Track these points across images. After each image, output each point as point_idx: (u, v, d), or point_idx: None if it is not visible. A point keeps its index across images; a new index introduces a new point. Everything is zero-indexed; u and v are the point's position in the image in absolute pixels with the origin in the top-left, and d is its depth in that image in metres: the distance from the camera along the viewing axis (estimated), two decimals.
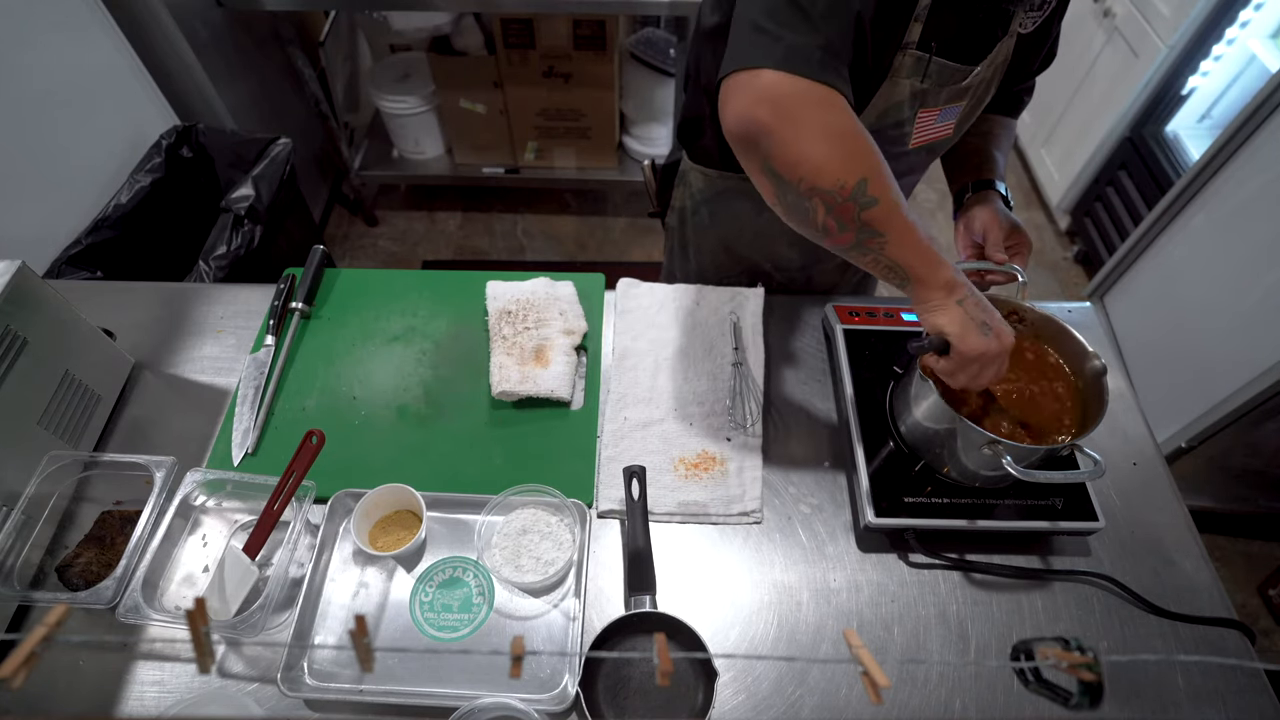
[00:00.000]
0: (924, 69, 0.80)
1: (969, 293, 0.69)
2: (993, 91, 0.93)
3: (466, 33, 2.24)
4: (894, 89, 0.81)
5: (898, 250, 0.67)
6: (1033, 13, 0.84)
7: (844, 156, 0.63)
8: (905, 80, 0.81)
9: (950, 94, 0.86)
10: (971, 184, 1.00)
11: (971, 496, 0.85)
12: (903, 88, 0.81)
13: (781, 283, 1.18)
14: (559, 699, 0.73)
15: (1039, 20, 0.86)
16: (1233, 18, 1.94)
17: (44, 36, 1.47)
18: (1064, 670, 0.44)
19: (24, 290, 0.82)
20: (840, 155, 0.63)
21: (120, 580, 0.75)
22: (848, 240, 0.67)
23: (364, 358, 1.03)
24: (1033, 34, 0.87)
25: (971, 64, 0.82)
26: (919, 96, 0.83)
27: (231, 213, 1.68)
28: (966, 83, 0.85)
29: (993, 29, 0.83)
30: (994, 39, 0.83)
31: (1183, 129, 2.22)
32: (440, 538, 0.86)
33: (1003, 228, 0.94)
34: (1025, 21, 0.85)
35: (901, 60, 0.79)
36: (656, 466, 0.91)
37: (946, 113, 0.89)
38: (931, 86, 0.82)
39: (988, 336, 0.68)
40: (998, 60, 0.86)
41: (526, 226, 2.68)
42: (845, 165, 0.63)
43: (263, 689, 0.75)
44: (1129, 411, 1.00)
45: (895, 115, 0.85)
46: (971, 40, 0.81)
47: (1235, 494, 1.80)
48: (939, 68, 0.80)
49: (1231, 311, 1.62)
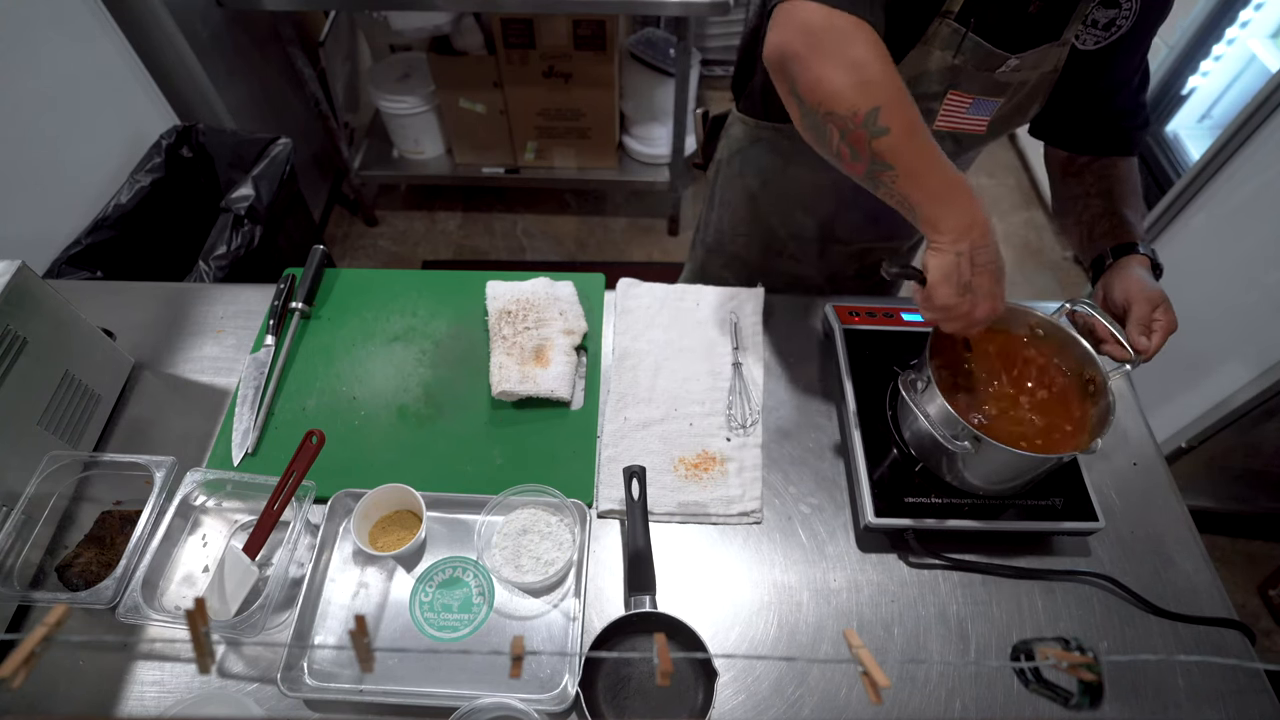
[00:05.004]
0: (959, 43, 0.79)
1: (974, 249, 0.67)
2: (1039, 102, 0.91)
3: (466, 33, 2.24)
4: (925, 57, 0.81)
5: (907, 185, 0.68)
6: (1095, 30, 0.83)
7: (860, 84, 0.66)
8: (938, 51, 0.80)
9: (986, 84, 0.84)
10: (1111, 249, 0.90)
11: (971, 497, 0.85)
12: (935, 58, 0.81)
13: (794, 254, 1.17)
14: (559, 699, 0.73)
15: (1104, 41, 0.84)
16: (1233, 18, 1.94)
17: (44, 36, 1.47)
18: (1064, 670, 0.44)
19: (24, 290, 0.82)
20: (856, 82, 0.66)
21: (120, 580, 0.75)
22: (860, 169, 0.70)
23: (364, 358, 1.03)
24: (1095, 54, 0.85)
25: (1009, 50, 0.80)
26: (951, 73, 0.83)
27: (231, 213, 1.68)
28: (1003, 74, 0.83)
29: (1042, 27, 0.81)
30: (1039, 37, 0.81)
31: (1183, 129, 2.22)
32: (440, 538, 0.86)
33: (1151, 302, 0.84)
34: (1085, 37, 0.84)
35: (937, 28, 0.78)
36: (656, 466, 0.91)
37: (980, 105, 0.87)
38: (965, 65, 0.81)
39: (962, 297, 0.68)
40: (1044, 66, 0.85)
41: (526, 226, 2.67)
42: (860, 93, 0.66)
43: (263, 689, 0.75)
44: (1129, 411, 1.00)
45: (923, 87, 0.84)
46: (1014, 27, 0.80)
47: (1235, 494, 1.80)
48: (974, 45, 0.79)
49: (1231, 312, 1.62)
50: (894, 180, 0.69)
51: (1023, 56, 0.82)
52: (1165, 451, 1.50)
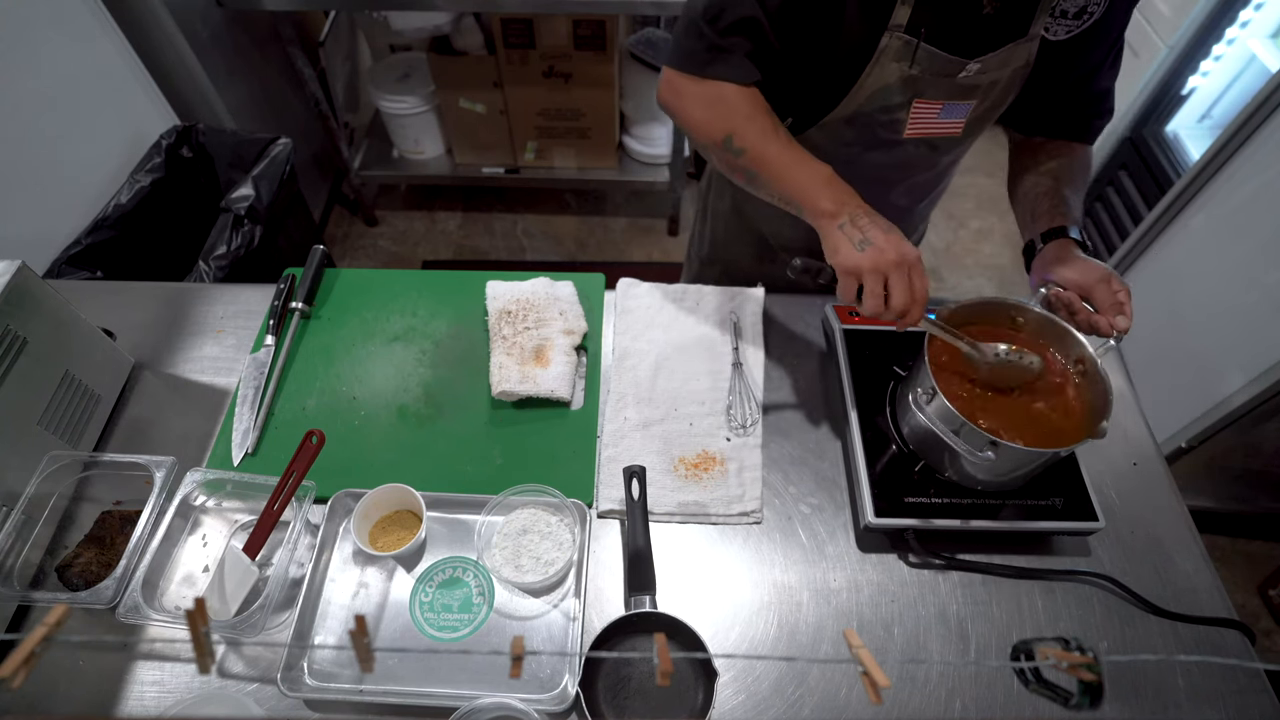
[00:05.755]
0: (912, 54, 0.80)
1: (851, 217, 0.76)
2: (1011, 97, 0.91)
3: (466, 33, 2.24)
4: (882, 71, 0.82)
5: (779, 186, 0.82)
6: (1065, 20, 0.83)
7: (712, 119, 0.85)
8: (893, 64, 0.81)
9: (950, 89, 0.85)
10: (1041, 235, 0.91)
11: (971, 496, 0.85)
12: (891, 71, 0.82)
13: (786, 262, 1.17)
14: (559, 699, 0.73)
15: (1076, 30, 0.84)
16: (1233, 18, 1.94)
17: (44, 36, 1.47)
18: (1064, 670, 0.44)
19: (24, 290, 0.82)
20: (709, 118, 0.85)
21: (120, 580, 0.75)
22: (741, 179, 0.87)
23: (364, 358, 1.03)
24: (1068, 44, 0.85)
25: (965, 56, 0.81)
26: (910, 84, 0.83)
27: (231, 213, 1.68)
28: (966, 79, 0.83)
29: (1002, 27, 0.81)
30: (1001, 37, 0.81)
31: (1183, 129, 2.22)
32: (440, 538, 0.86)
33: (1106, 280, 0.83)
34: (1055, 28, 0.83)
35: (888, 42, 0.79)
36: (656, 466, 0.91)
37: (952, 109, 0.88)
38: (923, 74, 0.82)
39: (862, 251, 0.73)
40: (1014, 63, 0.85)
41: (526, 226, 2.67)
42: (713, 125, 0.85)
43: (263, 689, 0.75)
44: (1129, 411, 1.00)
45: (884, 99, 0.85)
46: (970, 31, 0.80)
47: (1235, 494, 1.80)
48: (928, 54, 0.80)
49: (1231, 312, 1.62)
50: (768, 184, 0.83)
51: (984, 60, 0.82)
52: (1165, 451, 1.50)
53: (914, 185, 1.05)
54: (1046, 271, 0.87)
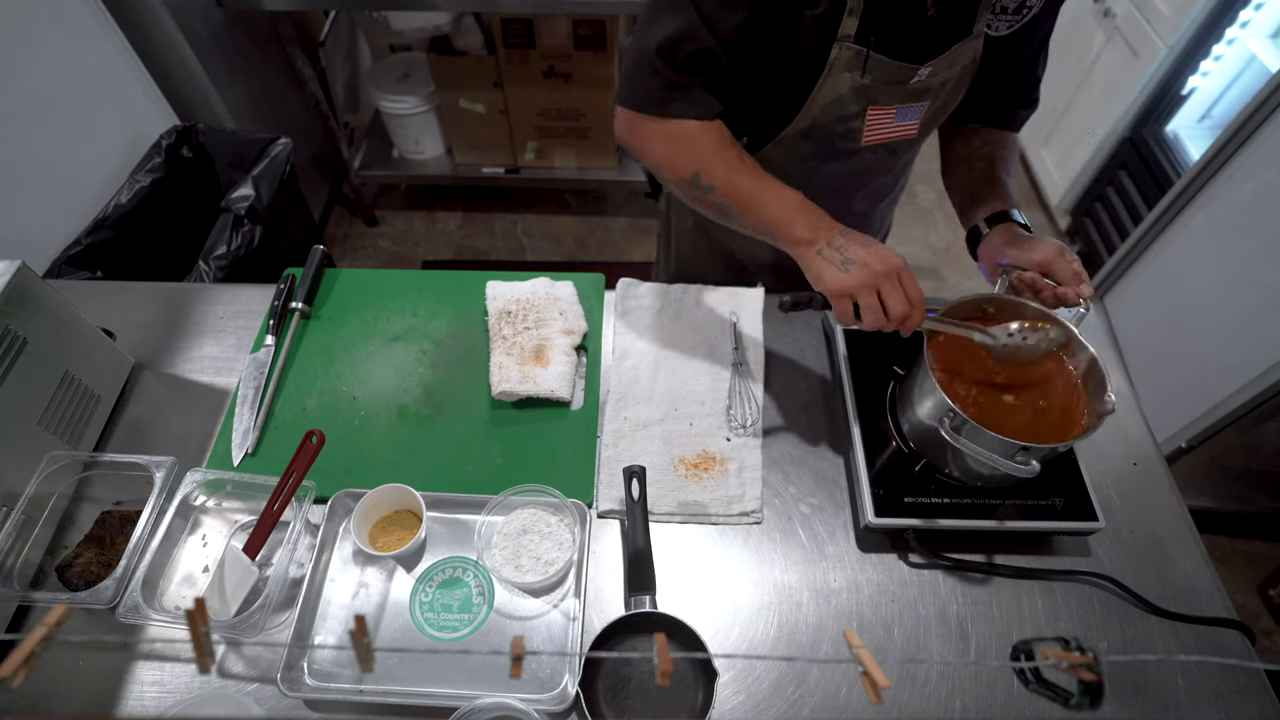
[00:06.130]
0: (863, 64, 0.80)
1: (828, 240, 0.76)
2: (962, 94, 0.91)
3: (466, 33, 2.24)
4: (835, 82, 0.82)
5: (750, 219, 0.81)
6: (1005, 16, 0.83)
7: (677, 158, 0.83)
8: (845, 74, 0.81)
9: (903, 93, 0.85)
10: (986, 220, 0.92)
11: (972, 496, 0.85)
12: (843, 81, 0.82)
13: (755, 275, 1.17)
14: (559, 699, 0.73)
15: (1017, 24, 0.84)
16: (1233, 18, 1.94)
17: (44, 36, 1.47)
18: (1064, 670, 0.44)
19: (24, 290, 0.82)
20: (674, 157, 0.83)
21: (120, 580, 0.75)
22: (712, 213, 0.85)
23: (364, 358, 1.03)
24: (1009, 38, 0.85)
25: (916, 62, 0.81)
26: (863, 92, 0.83)
27: (231, 213, 1.68)
28: (917, 82, 0.84)
29: (947, 28, 0.81)
30: (949, 38, 0.81)
31: (1183, 129, 2.22)
32: (440, 538, 0.86)
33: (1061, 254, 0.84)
34: (996, 24, 0.84)
35: (839, 54, 0.79)
36: (656, 466, 0.91)
37: (906, 112, 0.88)
38: (875, 83, 0.82)
39: (847, 272, 0.74)
40: (962, 61, 0.85)
41: (526, 226, 2.67)
42: (679, 163, 0.83)
43: (263, 689, 0.75)
44: (1129, 411, 1.00)
45: (840, 110, 0.85)
46: (917, 37, 0.80)
47: (1235, 494, 1.80)
48: (878, 64, 0.80)
49: (1231, 312, 1.62)
50: (740, 216, 0.82)
51: (934, 63, 0.82)
52: (1165, 451, 1.50)
53: (873, 190, 1.06)
54: (999, 255, 0.88)
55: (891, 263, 0.73)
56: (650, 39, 0.79)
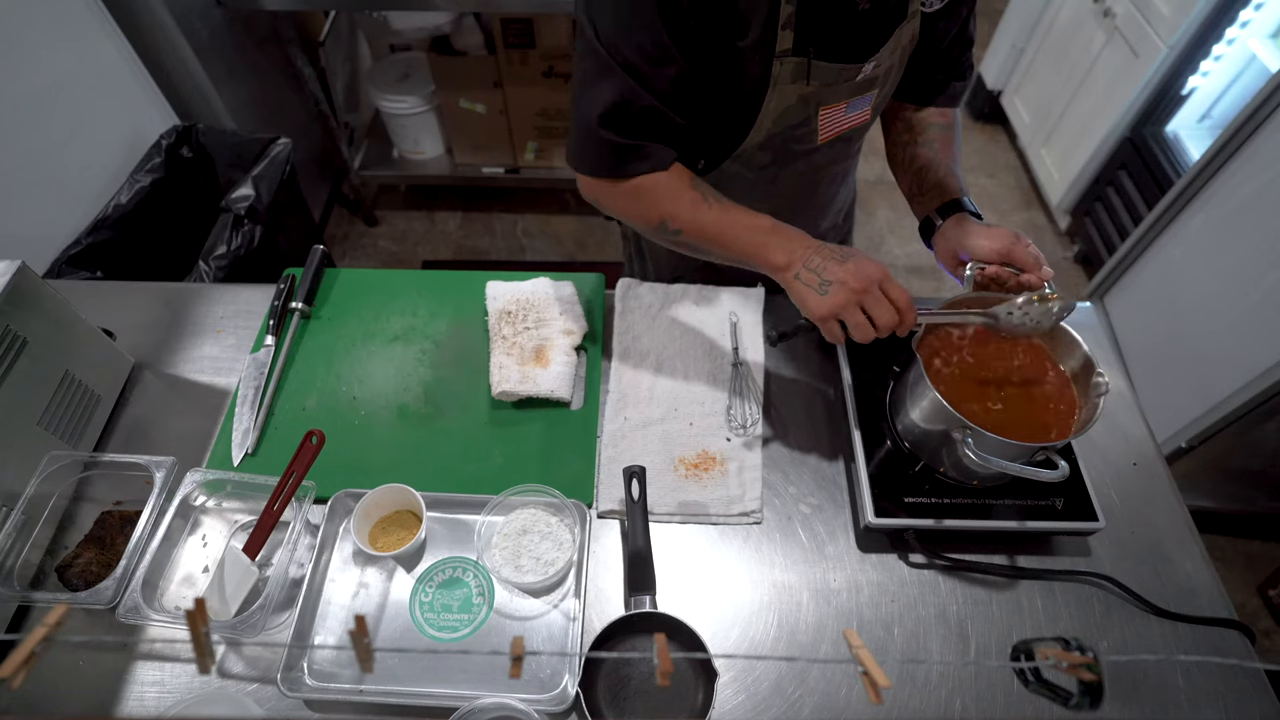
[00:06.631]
0: (805, 72, 0.79)
1: (804, 263, 0.76)
2: (901, 70, 0.90)
3: (466, 33, 2.24)
4: (781, 95, 0.82)
5: (728, 251, 0.82)
6: None
7: (641, 210, 0.85)
8: (790, 86, 0.81)
9: (850, 89, 0.85)
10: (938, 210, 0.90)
11: (971, 496, 0.85)
12: (789, 93, 0.82)
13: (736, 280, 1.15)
14: (559, 699, 0.73)
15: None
16: (1233, 18, 1.94)
17: (44, 36, 1.47)
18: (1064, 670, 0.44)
19: (24, 290, 0.82)
20: (638, 210, 0.85)
21: (120, 580, 0.75)
22: (687, 251, 0.87)
23: (364, 358, 1.03)
24: (940, 11, 0.85)
25: (858, 60, 0.81)
26: (811, 98, 0.83)
27: (231, 213, 1.68)
28: (863, 76, 0.83)
29: (882, 18, 0.80)
30: (888, 27, 0.81)
31: (1183, 129, 2.22)
32: (440, 538, 0.86)
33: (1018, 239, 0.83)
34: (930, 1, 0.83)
35: (780, 69, 0.79)
36: (656, 466, 0.91)
37: (856, 104, 0.88)
38: (821, 87, 0.82)
39: (826, 294, 0.73)
40: (902, 42, 0.84)
41: (526, 226, 2.67)
42: (644, 215, 0.85)
43: (263, 689, 0.75)
44: (1129, 411, 1.00)
45: (792, 118, 0.86)
46: (854, 35, 0.79)
47: (1235, 494, 1.80)
48: (822, 69, 0.80)
49: (1231, 311, 1.62)
50: (712, 252, 0.83)
51: (878, 55, 0.82)
52: (1165, 451, 1.50)
53: (834, 175, 1.05)
54: (956, 248, 0.86)
55: (869, 275, 0.72)
56: (591, 109, 0.78)
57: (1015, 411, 0.82)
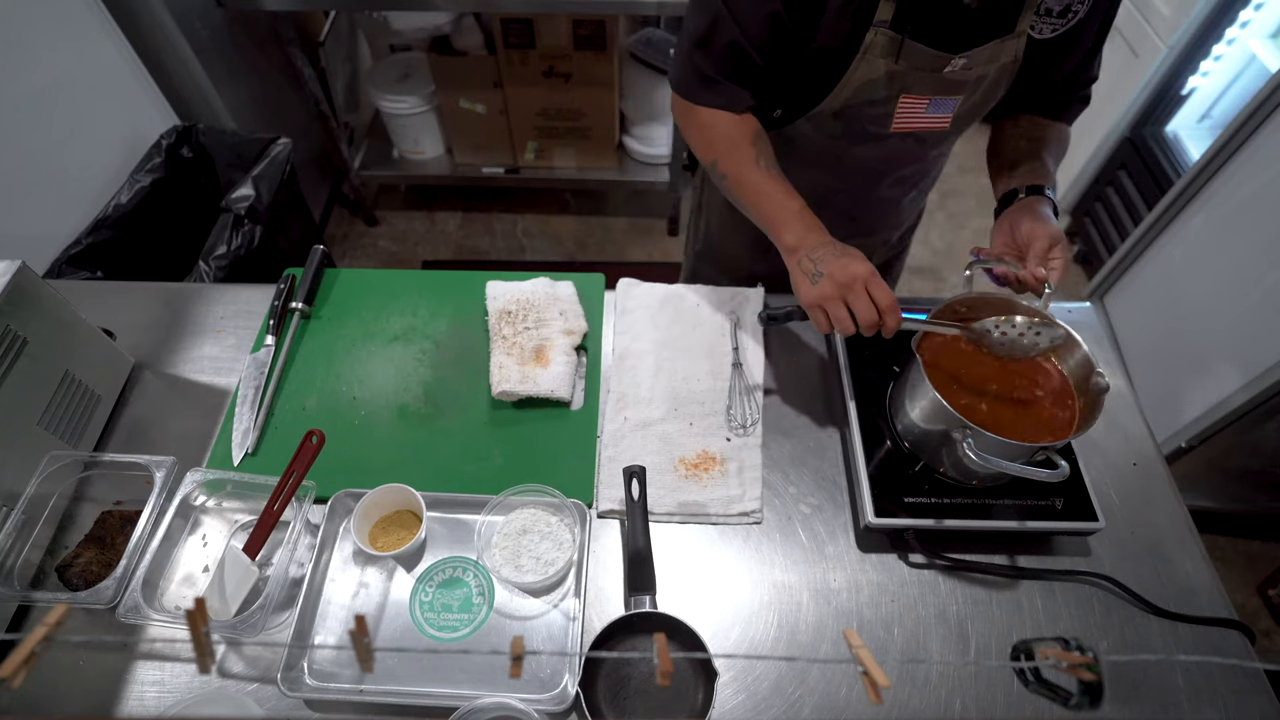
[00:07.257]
0: (897, 49, 0.81)
1: (809, 252, 0.80)
2: (1001, 93, 0.92)
3: (466, 33, 2.24)
4: (868, 66, 0.83)
5: (753, 213, 0.88)
6: (1050, 19, 0.83)
7: (701, 145, 0.93)
8: (879, 59, 0.82)
9: (937, 84, 0.85)
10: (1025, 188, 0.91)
11: (971, 496, 0.85)
12: (876, 66, 0.83)
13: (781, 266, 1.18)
14: (559, 699, 0.73)
15: (1060, 29, 0.84)
16: (1233, 18, 1.94)
17: (44, 36, 1.47)
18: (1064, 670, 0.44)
19: (24, 290, 0.82)
20: (699, 143, 0.93)
21: (120, 580, 0.75)
22: (729, 196, 0.93)
23: (364, 358, 1.03)
24: (1054, 42, 0.86)
25: (951, 51, 0.81)
26: (896, 78, 0.84)
27: (231, 213, 1.68)
28: (952, 74, 0.84)
29: (986, 22, 0.81)
30: (987, 33, 0.82)
31: (1183, 129, 2.22)
32: (440, 538, 0.86)
33: (1050, 240, 0.84)
34: (1040, 27, 0.84)
35: (874, 38, 0.80)
36: (656, 466, 0.91)
37: (939, 104, 0.88)
38: (908, 69, 0.82)
39: (817, 284, 0.78)
40: (1002, 59, 0.85)
41: (526, 226, 2.67)
42: (702, 150, 0.93)
43: (263, 689, 0.75)
44: (1129, 411, 1.00)
45: (870, 94, 0.86)
46: (955, 26, 0.80)
47: (1235, 494, 1.80)
48: (913, 49, 0.81)
49: (1231, 311, 1.62)
50: (745, 208, 0.89)
51: (970, 55, 0.82)
52: (1165, 451, 1.50)
53: (902, 178, 1.06)
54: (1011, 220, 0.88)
55: (854, 273, 0.76)
56: (691, 27, 0.86)
57: (1015, 411, 0.82)
